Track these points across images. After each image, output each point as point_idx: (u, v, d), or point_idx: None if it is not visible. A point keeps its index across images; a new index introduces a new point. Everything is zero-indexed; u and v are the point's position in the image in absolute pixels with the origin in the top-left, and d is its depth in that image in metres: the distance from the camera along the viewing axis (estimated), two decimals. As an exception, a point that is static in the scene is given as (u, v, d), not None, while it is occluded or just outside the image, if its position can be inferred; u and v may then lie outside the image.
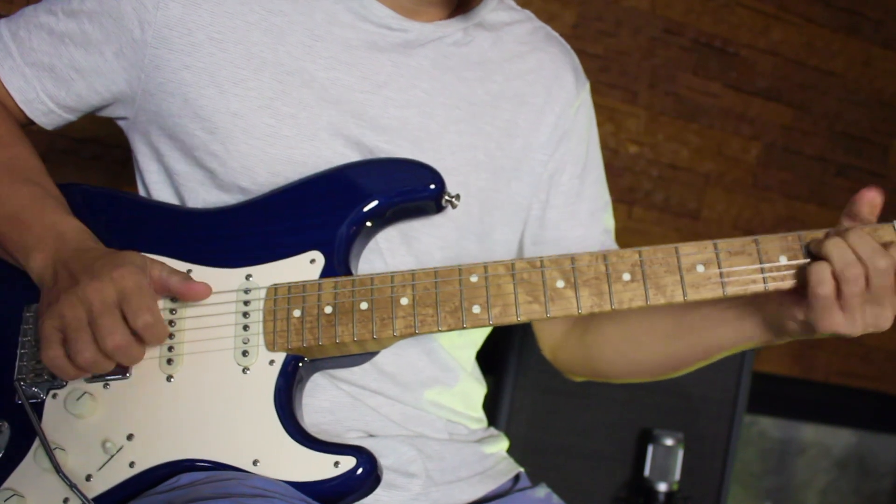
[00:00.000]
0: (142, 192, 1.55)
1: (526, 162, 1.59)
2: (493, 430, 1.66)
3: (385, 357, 1.46)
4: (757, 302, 1.37)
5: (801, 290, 1.26)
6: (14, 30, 1.48)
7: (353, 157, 1.45)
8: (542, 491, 1.57)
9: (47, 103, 1.49)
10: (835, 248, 1.22)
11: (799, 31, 3.63)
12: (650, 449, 2.70)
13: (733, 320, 1.41)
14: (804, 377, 3.72)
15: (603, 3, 3.31)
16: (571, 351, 1.66)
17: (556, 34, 1.70)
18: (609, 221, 1.71)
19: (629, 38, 3.36)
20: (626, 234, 3.38)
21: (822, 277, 1.21)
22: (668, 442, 2.69)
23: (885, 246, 1.22)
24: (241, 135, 1.43)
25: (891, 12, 3.76)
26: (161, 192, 1.52)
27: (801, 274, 1.26)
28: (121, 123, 1.56)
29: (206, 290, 1.35)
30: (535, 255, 1.59)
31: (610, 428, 2.73)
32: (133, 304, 1.27)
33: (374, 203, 1.39)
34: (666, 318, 1.51)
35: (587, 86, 1.69)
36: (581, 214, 1.65)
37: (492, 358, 2.52)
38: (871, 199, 1.26)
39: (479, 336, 1.64)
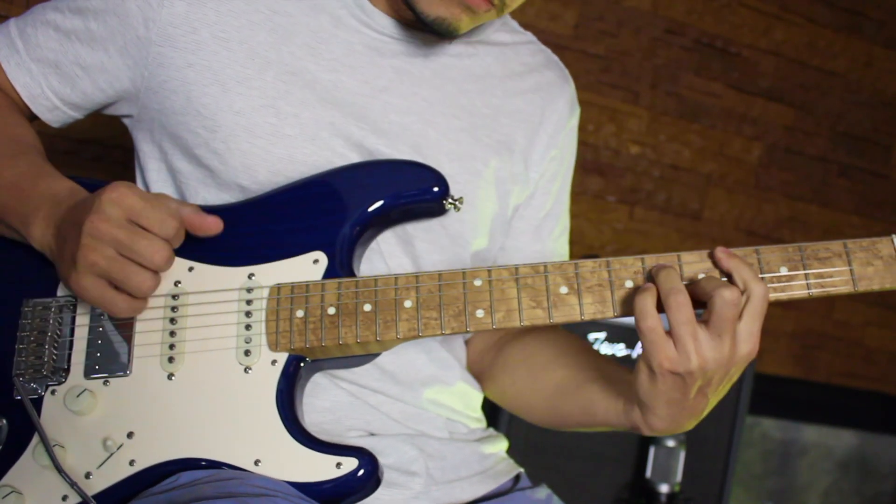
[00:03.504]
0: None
1: (521, 177, 1.61)
2: (492, 431, 1.66)
3: (385, 356, 1.46)
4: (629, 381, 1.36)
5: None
6: (22, 27, 1.49)
7: (354, 158, 1.46)
8: (543, 492, 1.56)
9: (52, 100, 1.49)
10: (666, 276, 1.21)
11: (801, 32, 3.63)
12: (651, 450, 2.70)
13: (613, 395, 1.40)
14: (806, 378, 3.72)
15: (604, 3, 3.31)
16: (485, 367, 1.66)
17: (556, 58, 1.72)
18: (564, 246, 1.72)
19: (631, 38, 3.36)
20: (628, 235, 3.38)
21: (644, 310, 1.20)
22: (670, 443, 2.69)
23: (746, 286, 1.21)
24: (243, 133, 1.43)
25: (893, 13, 3.76)
26: (161, 190, 1.52)
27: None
28: (125, 121, 1.56)
29: (218, 224, 1.34)
30: (496, 258, 1.62)
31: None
32: (152, 216, 1.26)
33: (378, 204, 1.38)
34: (564, 371, 1.51)
35: (577, 113, 1.71)
36: (543, 232, 1.66)
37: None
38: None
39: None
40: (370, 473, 1.29)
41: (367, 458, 1.29)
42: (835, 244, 1.26)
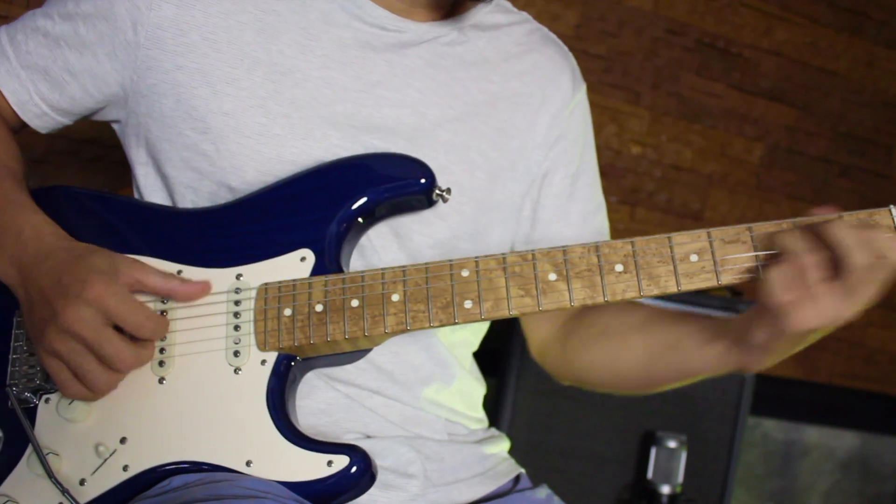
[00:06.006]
0: (136, 195, 1.55)
1: (523, 162, 1.58)
2: (493, 431, 1.65)
3: (383, 355, 1.46)
4: (729, 327, 1.35)
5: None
6: (12, 34, 1.49)
7: (346, 155, 1.44)
8: (543, 492, 1.56)
9: (41, 106, 1.49)
10: (791, 239, 1.20)
11: (802, 32, 3.62)
12: (653, 451, 2.70)
13: (705, 344, 1.38)
14: (807, 379, 3.71)
15: (606, 4, 3.31)
16: (555, 355, 1.65)
17: (554, 36, 1.70)
18: (603, 223, 1.69)
19: (632, 38, 3.36)
20: (629, 236, 3.35)
21: (785, 283, 1.18)
22: (672, 444, 2.69)
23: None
24: (232, 134, 1.42)
25: (894, 13, 3.76)
26: (154, 194, 1.51)
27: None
28: (114, 126, 1.56)
29: (207, 288, 1.35)
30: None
31: (613, 430, 2.72)
32: (129, 320, 1.27)
33: (364, 199, 1.38)
34: (645, 335, 1.50)
35: (584, 88, 1.68)
36: (572, 215, 1.64)
37: (494, 359, 2.52)
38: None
39: (471, 335, 1.64)
40: (362, 471, 1.28)
41: (360, 456, 1.29)
42: (831, 216, 1.23)
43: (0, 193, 1.40)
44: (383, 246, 1.47)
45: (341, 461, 1.28)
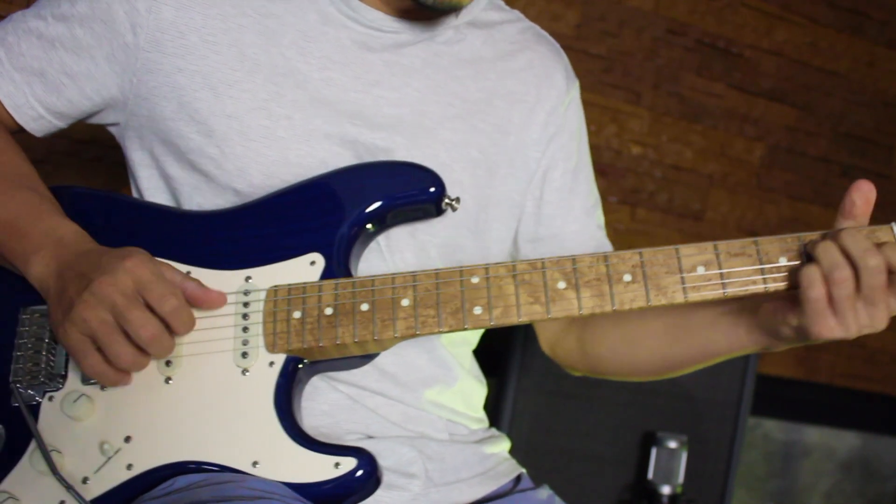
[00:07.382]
0: (136, 197, 1.54)
1: (519, 158, 1.59)
2: (494, 431, 1.66)
3: (385, 357, 1.46)
4: (752, 308, 1.37)
5: (796, 293, 1.27)
6: (2, 35, 1.47)
7: (348, 156, 1.45)
8: (544, 492, 1.57)
9: (37, 108, 1.47)
10: (824, 251, 1.22)
11: (803, 32, 3.62)
12: (654, 451, 2.69)
13: (729, 326, 1.41)
14: (808, 379, 3.71)
15: (606, 4, 3.31)
16: (569, 347, 1.66)
17: (546, 33, 1.71)
18: (601, 218, 1.72)
19: (632, 38, 3.36)
20: (630, 236, 3.37)
21: (811, 280, 1.21)
22: (672, 444, 2.69)
23: (880, 246, 1.22)
24: (237, 137, 1.42)
25: (895, 13, 3.75)
26: (155, 196, 1.51)
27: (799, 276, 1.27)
28: (112, 129, 1.55)
29: (222, 299, 1.34)
30: (531, 252, 1.61)
31: (613, 430, 2.72)
32: (155, 291, 1.26)
33: (375, 206, 1.39)
34: (664, 320, 1.52)
35: (577, 84, 1.70)
36: (575, 209, 1.66)
37: (495, 360, 2.52)
38: (865, 193, 1.26)
39: (470, 332, 1.64)
40: (369, 473, 1.29)
41: (366, 458, 1.29)
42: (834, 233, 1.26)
43: (31, 203, 1.40)
44: (387, 245, 1.48)
45: (348, 463, 1.28)
